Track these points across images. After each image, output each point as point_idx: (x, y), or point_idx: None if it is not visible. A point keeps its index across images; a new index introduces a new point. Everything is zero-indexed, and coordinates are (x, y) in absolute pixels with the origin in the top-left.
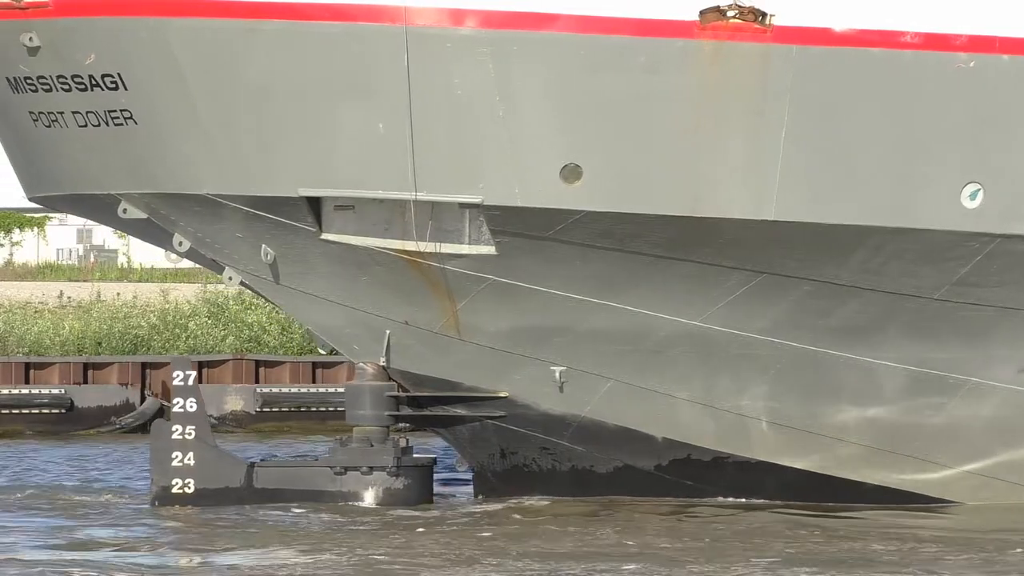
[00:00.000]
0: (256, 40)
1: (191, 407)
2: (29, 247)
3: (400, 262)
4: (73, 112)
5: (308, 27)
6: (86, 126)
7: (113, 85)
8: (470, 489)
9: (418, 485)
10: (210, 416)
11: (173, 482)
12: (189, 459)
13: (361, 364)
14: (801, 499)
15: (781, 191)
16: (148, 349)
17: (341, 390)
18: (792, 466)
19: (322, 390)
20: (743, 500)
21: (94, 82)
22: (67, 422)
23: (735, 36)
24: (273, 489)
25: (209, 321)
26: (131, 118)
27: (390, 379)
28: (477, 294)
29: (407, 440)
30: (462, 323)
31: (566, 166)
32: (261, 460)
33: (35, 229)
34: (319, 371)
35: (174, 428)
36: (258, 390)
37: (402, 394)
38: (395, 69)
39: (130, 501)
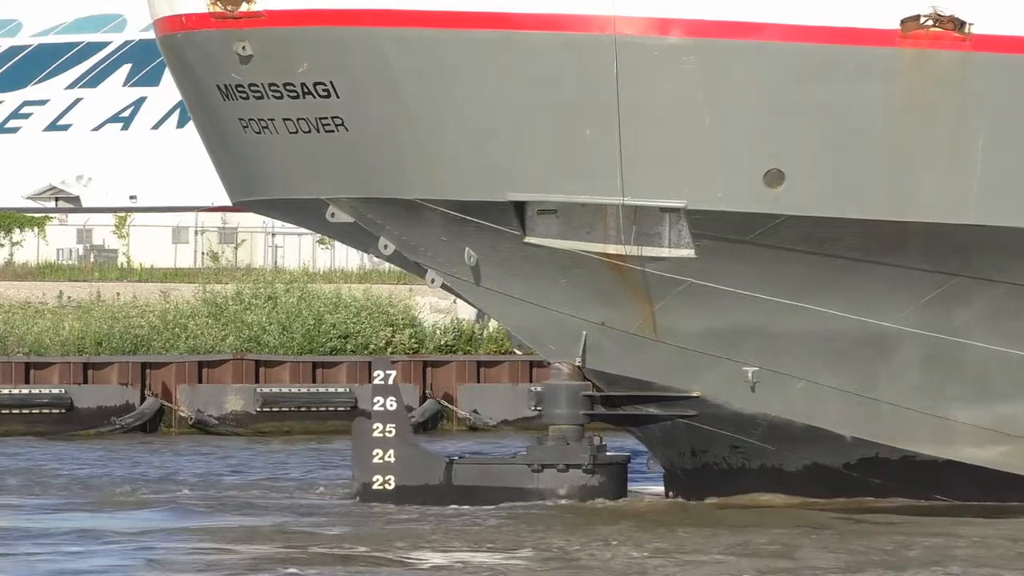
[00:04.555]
0: (469, 49)
1: (391, 405)
2: (29, 247)
3: (600, 264)
4: (284, 119)
5: (519, 36)
6: (296, 133)
7: (325, 93)
8: (661, 487)
9: (613, 482)
10: (210, 416)
11: (374, 479)
12: (390, 456)
13: (557, 364)
14: (988, 498)
15: (980, 195)
16: (148, 349)
17: (341, 390)
18: (983, 466)
19: (322, 390)
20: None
21: (306, 90)
22: (67, 422)
23: (935, 44)
24: (471, 486)
25: (209, 321)
26: (342, 125)
27: (585, 379)
28: (674, 296)
29: (601, 438)
30: (659, 324)
31: (769, 171)
32: (459, 457)
33: (35, 229)
34: (319, 371)
35: (375, 426)
36: (258, 390)
37: (597, 393)
38: (604, 77)
39: (333, 497)
